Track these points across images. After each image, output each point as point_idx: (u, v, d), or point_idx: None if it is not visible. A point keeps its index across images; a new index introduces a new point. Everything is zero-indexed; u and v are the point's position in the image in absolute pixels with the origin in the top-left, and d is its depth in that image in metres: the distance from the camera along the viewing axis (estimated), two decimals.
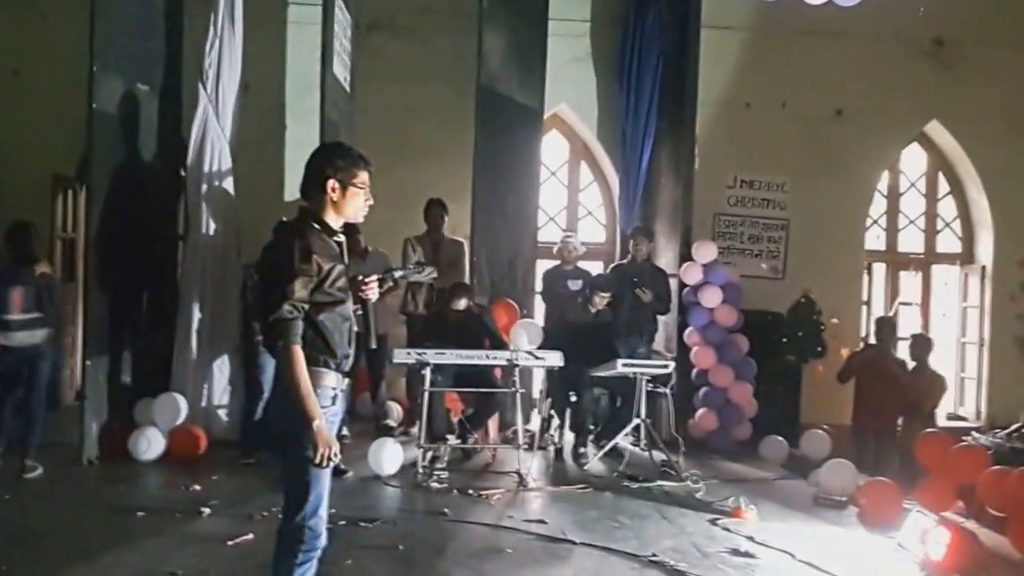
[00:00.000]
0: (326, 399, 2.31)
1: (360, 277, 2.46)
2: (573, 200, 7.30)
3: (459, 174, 5.91)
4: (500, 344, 5.10)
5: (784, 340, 6.33)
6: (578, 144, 7.27)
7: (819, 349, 6.52)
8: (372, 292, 2.48)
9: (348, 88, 6.05)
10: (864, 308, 7.35)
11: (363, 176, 2.38)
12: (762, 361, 5.94)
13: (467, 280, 5.59)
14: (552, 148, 7.16)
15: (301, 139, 6.09)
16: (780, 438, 5.66)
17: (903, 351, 6.13)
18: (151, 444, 4.74)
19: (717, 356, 5.84)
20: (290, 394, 2.22)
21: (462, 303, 5.08)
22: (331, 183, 2.33)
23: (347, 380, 2.43)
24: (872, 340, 6.38)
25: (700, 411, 5.84)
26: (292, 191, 6.22)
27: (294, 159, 6.29)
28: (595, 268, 6.62)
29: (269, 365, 4.40)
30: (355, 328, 2.45)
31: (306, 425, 2.20)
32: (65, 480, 4.41)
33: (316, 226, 2.34)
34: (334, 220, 2.37)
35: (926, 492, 4.25)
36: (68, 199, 6.55)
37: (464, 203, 5.85)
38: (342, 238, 2.41)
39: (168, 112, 5.51)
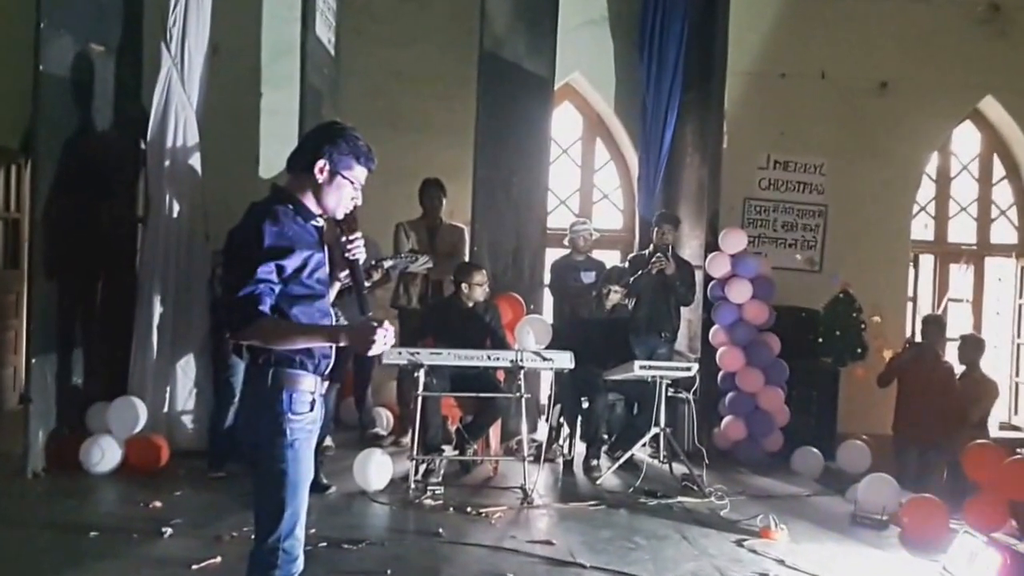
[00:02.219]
0: (303, 405, 2.27)
1: (343, 239, 2.41)
2: (587, 181, 7.29)
3: (458, 150, 5.87)
4: (503, 344, 5.08)
5: (820, 340, 6.33)
6: (593, 118, 7.24)
7: (859, 350, 6.48)
8: (359, 251, 2.43)
9: (332, 51, 6.01)
10: (910, 305, 7.36)
11: (359, 171, 2.37)
12: (795, 364, 5.93)
13: None
14: (564, 122, 7.14)
15: (278, 108, 6.08)
16: (815, 450, 5.67)
17: (951, 353, 6.12)
18: (105, 454, 4.71)
19: (746, 358, 5.83)
20: (295, 346, 2.19)
21: (481, 276, 5.02)
22: (321, 163, 2.30)
23: (327, 383, 2.40)
24: (917, 340, 6.34)
25: (726, 419, 5.85)
26: (267, 167, 6.18)
27: (270, 130, 6.27)
28: (611, 259, 6.60)
29: (240, 366, 4.40)
30: (340, 322, 2.40)
31: (345, 338, 2.18)
32: (7, 495, 4.37)
33: (290, 207, 2.29)
34: (312, 205, 2.34)
35: (975, 510, 4.26)
36: (11, 175, 6.50)
37: (464, 184, 5.81)
38: (320, 223, 2.37)
39: (126, 76, 5.44)
